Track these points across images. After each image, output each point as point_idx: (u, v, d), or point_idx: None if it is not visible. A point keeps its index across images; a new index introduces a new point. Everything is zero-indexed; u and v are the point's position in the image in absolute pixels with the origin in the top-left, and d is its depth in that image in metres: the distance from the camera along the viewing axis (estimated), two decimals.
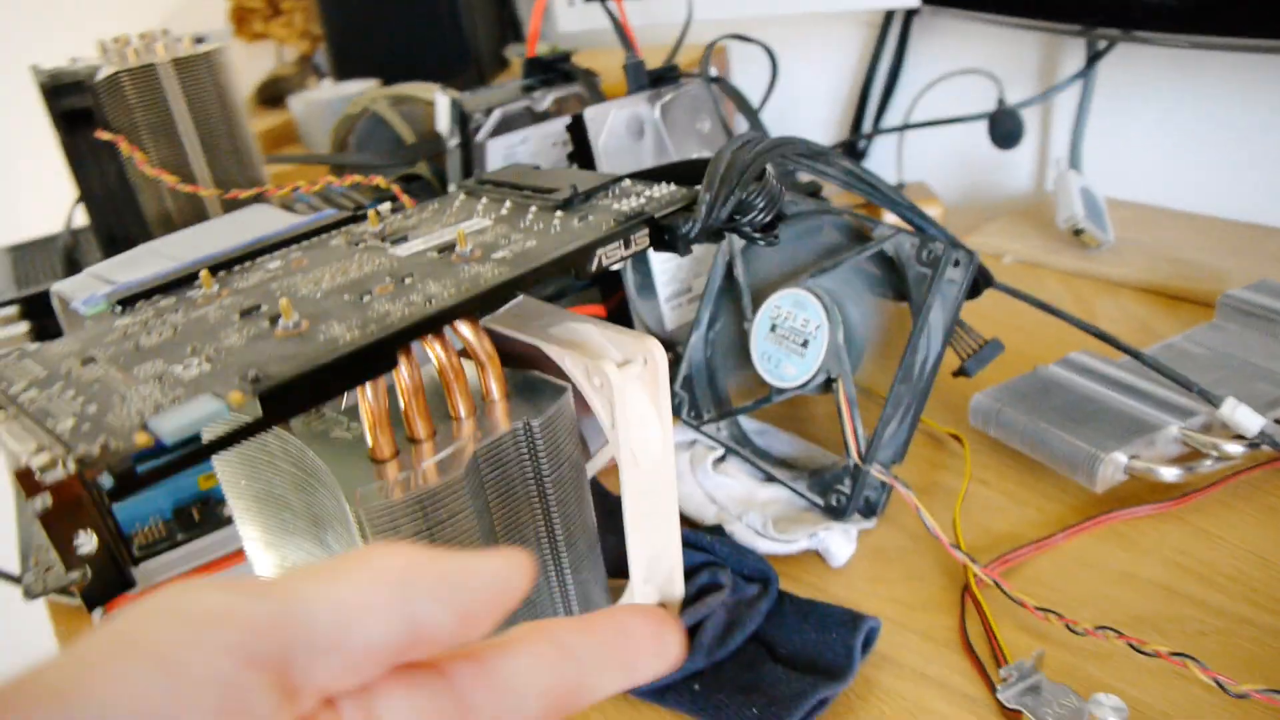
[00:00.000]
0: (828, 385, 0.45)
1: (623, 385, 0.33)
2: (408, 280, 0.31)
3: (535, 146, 0.65)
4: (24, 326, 0.57)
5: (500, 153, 0.64)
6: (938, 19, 0.79)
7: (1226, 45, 0.58)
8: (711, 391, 0.50)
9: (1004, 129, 0.63)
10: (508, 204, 0.38)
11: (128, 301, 0.33)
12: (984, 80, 0.74)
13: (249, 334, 0.29)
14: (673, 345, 0.57)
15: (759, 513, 0.44)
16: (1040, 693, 0.33)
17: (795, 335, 0.45)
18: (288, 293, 0.32)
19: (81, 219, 0.73)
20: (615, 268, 0.33)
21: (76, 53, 0.56)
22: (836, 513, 0.43)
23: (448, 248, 0.33)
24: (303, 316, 0.29)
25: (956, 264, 0.42)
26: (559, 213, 0.36)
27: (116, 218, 0.50)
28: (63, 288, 0.39)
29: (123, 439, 0.23)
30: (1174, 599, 0.39)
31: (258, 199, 0.50)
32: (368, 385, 0.29)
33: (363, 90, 0.93)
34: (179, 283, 0.34)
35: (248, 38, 1.14)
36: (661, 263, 0.56)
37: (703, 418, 0.49)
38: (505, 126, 0.63)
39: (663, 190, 0.36)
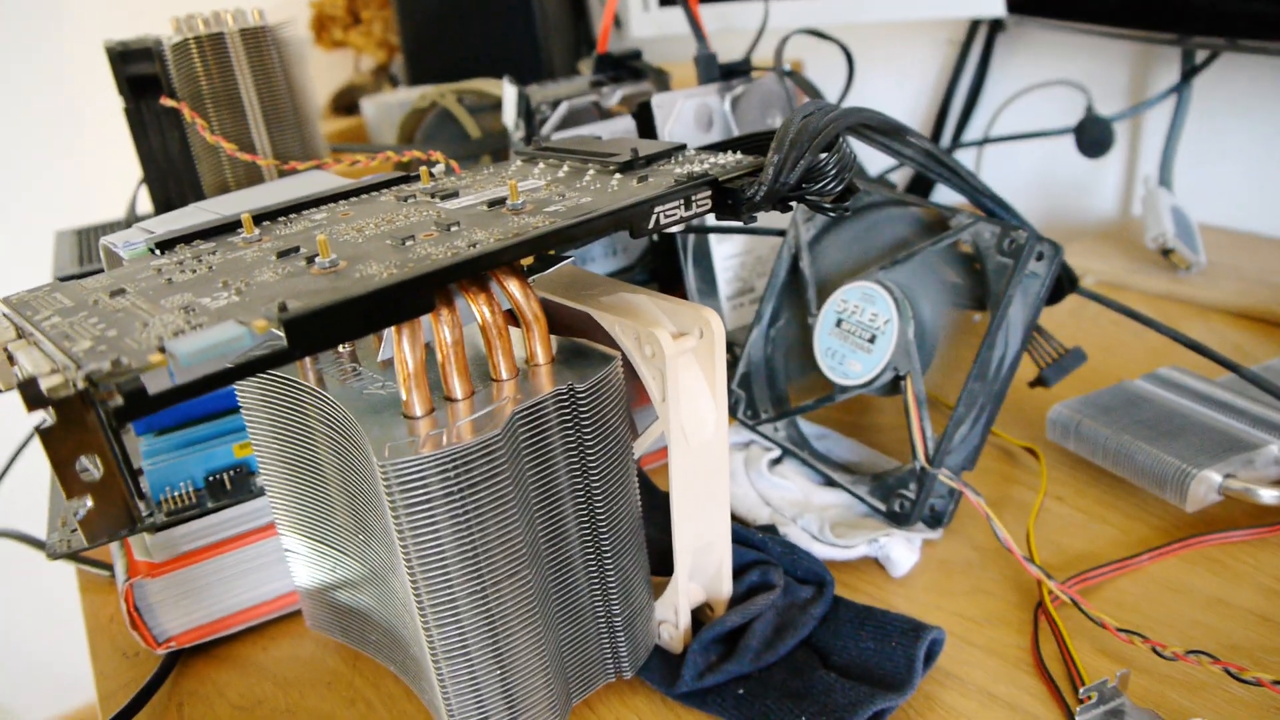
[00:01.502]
0: (894, 386, 0.42)
1: (675, 356, 0.31)
2: (453, 228, 0.29)
3: None
4: None
5: None
6: (1022, 33, 0.77)
7: None
8: (770, 391, 0.48)
9: (1092, 136, 0.60)
10: (565, 167, 0.36)
11: (167, 245, 0.32)
12: (1068, 95, 0.71)
13: (284, 272, 0.27)
14: (731, 346, 0.55)
15: (816, 516, 0.41)
16: (1124, 717, 0.30)
17: (862, 330, 0.42)
18: (329, 236, 0.30)
19: (145, 203, 0.73)
20: (673, 230, 0.31)
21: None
22: (900, 519, 0.40)
23: (498, 201, 0.32)
24: (341, 258, 0.28)
25: (1040, 256, 0.39)
26: (618, 175, 0.34)
27: (175, 186, 0.50)
28: (110, 239, 0.38)
29: (136, 358, 0.22)
30: (1272, 629, 0.35)
31: (316, 170, 0.50)
32: (404, 338, 0.28)
33: (426, 91, 0.93)
34: (222, 230, 0.33)
35: (327, 46, 1.15)
36: (724, 259, 0.54)
37: (760, 417, 0.47)
38: (572, 121, 0.62)
39: (729, 157, 0.35)
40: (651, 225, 0.30)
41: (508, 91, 0.61)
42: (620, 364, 0.31)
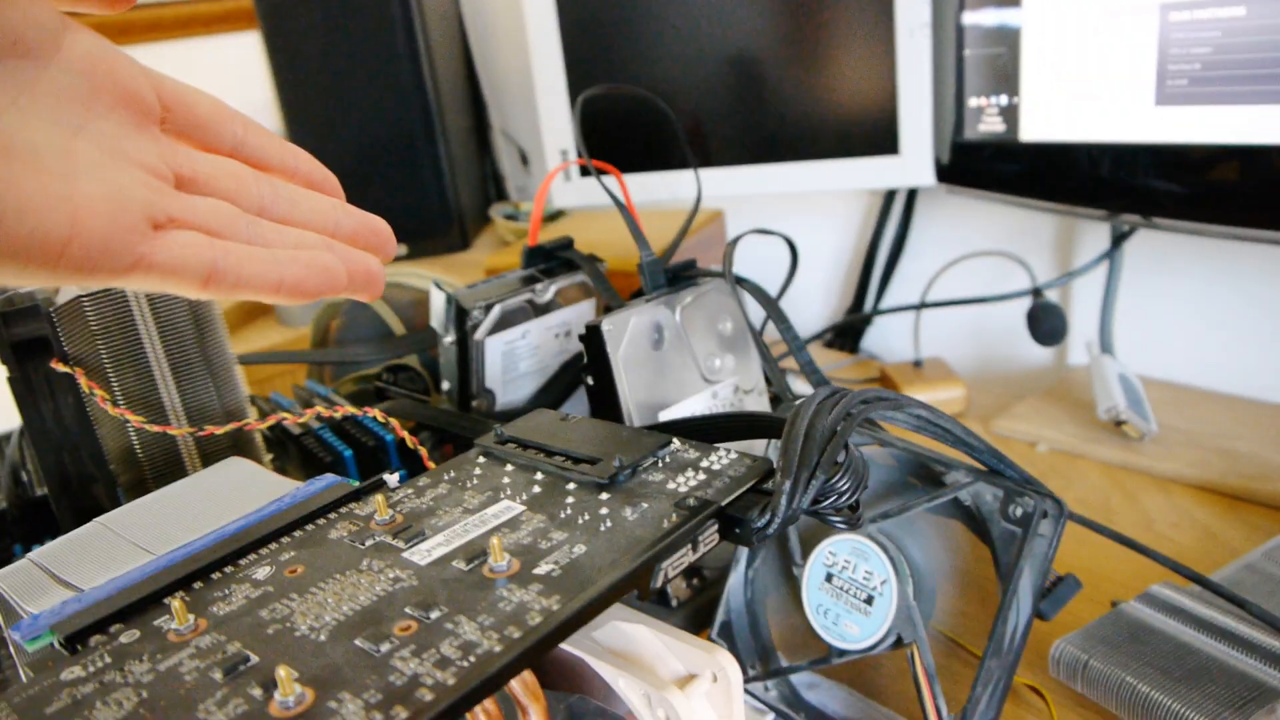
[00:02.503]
0: (897, 645, 0.39)
1: (691, 714, 0.27)
2: (434, 614, 0.25)
3: (537, 339, 0.61)
4: None
5: (499, 349, 0.59)
6: (943, 195, 0.77)
7: (1248, 236, 0.54)
8: (755, 641, 0.44)
9: (1046, 326, 0.59)
10: (539, 477, 0.32)
11: (78, 636, 0.27)
12: (998, 258, 0.71)
13: (237, 710, 0.23)
14: (701, 571, 0.51)
15: None
16: None
17: (857, 589, 0.39)
18: (283, 628, 0.26)
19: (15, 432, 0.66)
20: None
21: None
22: None
23: (477, 555, 0.28)
24: (305, 683, 0.23)
25: (1045, 515, 0.36)
26: (604, 495, 0.30)
27: (73, 458, 0.44)
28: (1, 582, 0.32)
29: None
30: None
31: (235, 440, 0.45)
32: None
33: None
34: (142, 601, 0.28)
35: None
36: None
37: (746, 674, 0.43)
38: (505, 322, 0.58)
39: (723, 460, 0.31)
40: (659, 584, 0.27)
41: (435, 297, 0.57)
42: None
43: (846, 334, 0.83)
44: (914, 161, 0.64)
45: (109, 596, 0.28)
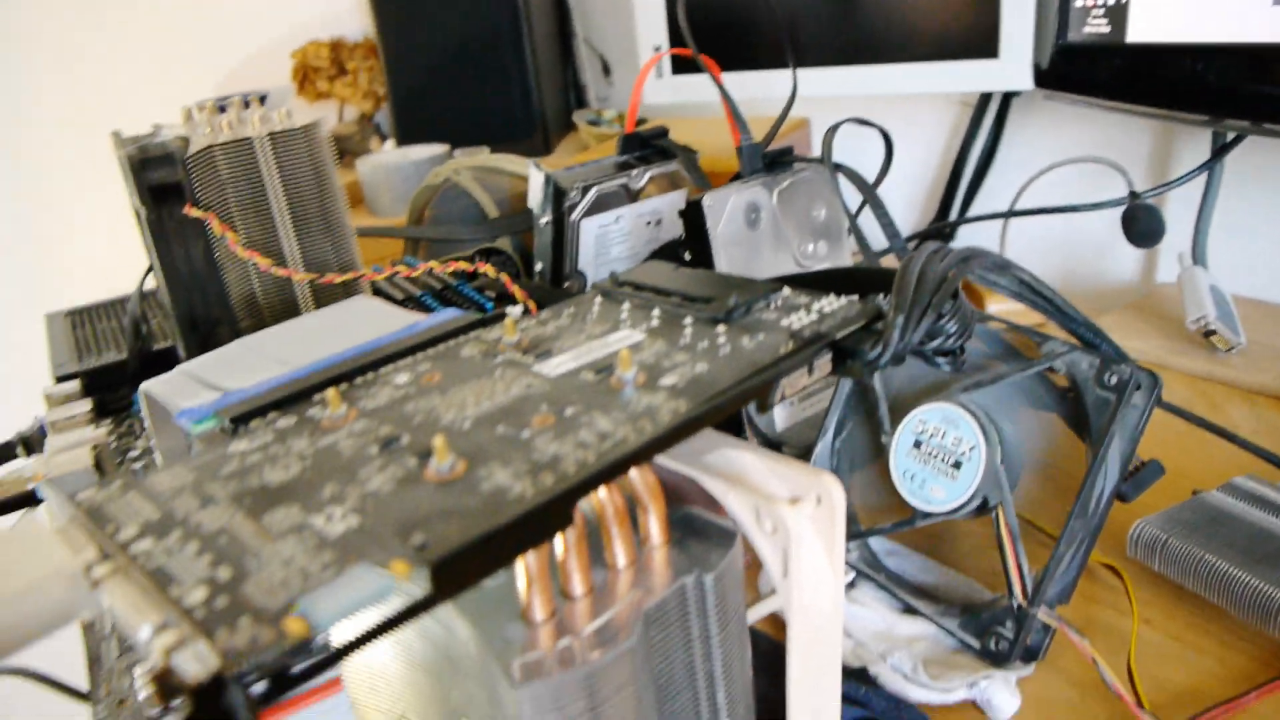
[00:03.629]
0: (980, 510, 0.40)
1: (800, 531, 0.29)
2: (569, 411, 0.27)
3: (629, 225, 0.62)
4: (87, 405, 0.53)
5: (593, 232, 0.60)
6: (1038, 101, 0.76)
7: None
8: None
9: (1143, 226, 0.59)
10: (656, 312, 0.34)
11: (241, 419, 0.29)
12: (1091, 166, 0.70)
13: (395, 475, 0.25)
14: (779, 446, 0.53)
15: (905, 652, 0.39)
16: None
17: (945, 454, 0.40)
18: (428, 418, 0.28)
19: (153, 285, 0.70)
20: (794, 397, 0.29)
21: (137, 114, 0.54)
22: (997, 658, 0.38)
23: (605, 368, 0.29)
24: (457, 456, 0.25)
25: (1139, 386, 0.37)
26: (720, 327, 0.32)
27: (200, 299, 0.47)
28: (154, 389, 0.35)
29: (272, 627, 0.19)
30: None
31: (350, 285, 0.47)
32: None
33: (432, 156, 0.90)
34: (296, 397, 0.30)
35: (310, 97, 1.12)
36: None
37: None
38: (600, 206, 0.60)
39: (833, 304, 0.33)
40: (776, 398, 0.28)
41: (534, 177, 0.59)
42: (740, 543, 0.29)
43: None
44: (1013, 65, 0.64)
45: (265, 390, 0.30)
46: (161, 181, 0.45)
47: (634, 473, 0.28)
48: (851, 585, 0.44)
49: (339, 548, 0.22)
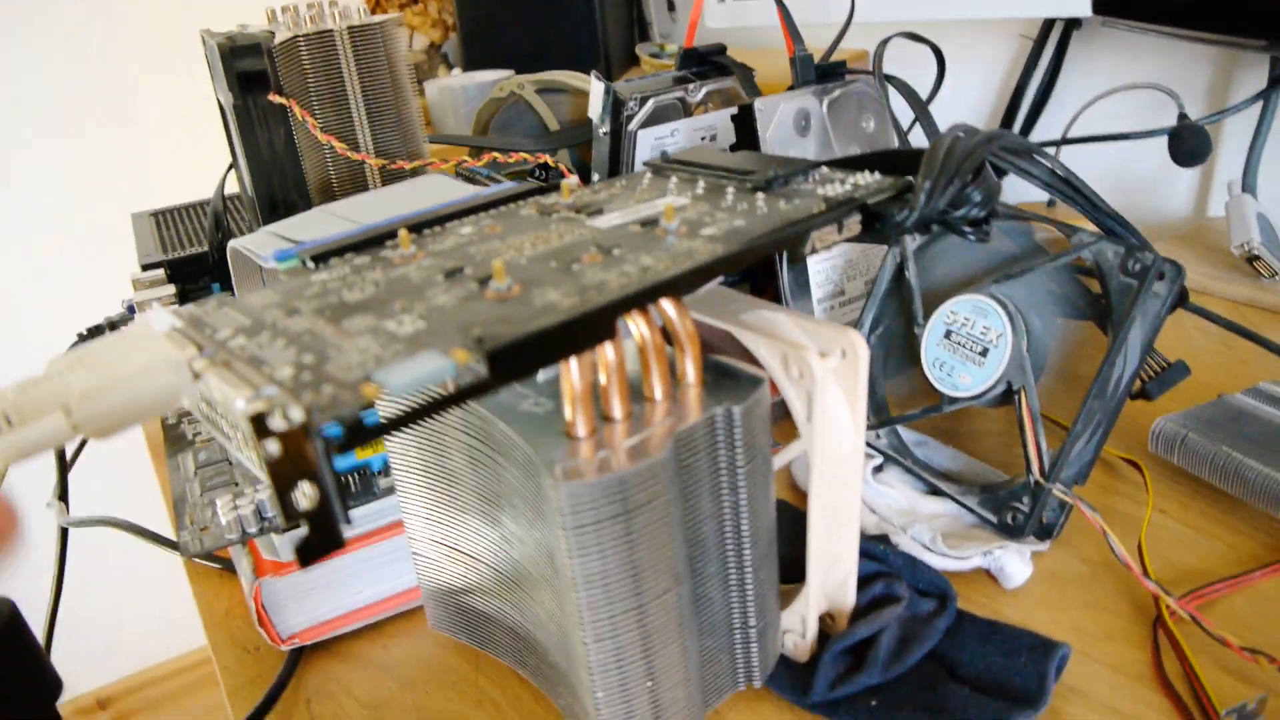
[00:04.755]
0: (1004, 398, 0.42)
1: (824, 377, 0.32)
2: (616, 251, 0.30)
3: (685, 139, 0.64)
4: (171, 289, 0.57)
5: (649, 144, 0.62)
6: (1099, 31, 0.76)
7: None
8: (871, 398, 0.48)
9: (1188, 146, 0.60)
10: (701, 184, 0.36)
11: (321, 258, 0.33)
12: (1145, 97, 0.70)
13: (458, 294, 0.28)
14: None
15: (926, 525, 0.41)
16: None
17: (973, 343, 0.42)
18: (489, 256, 0.31)
19: (232, 187, 0.74)
20: (822, 253, 0.32)
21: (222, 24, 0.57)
22: (1012, 531, 0.41)
23: (651, 222, 0.32)
24: (513, 280, 0.28)
25: (1161, 276, 0.39)
26: (760, 194, 0.34)
27: (279, 183, 0.50)
28: (243, 243, 0.38)
29: (350, 390, 0.23)
30: None
31: (418, 173, 0.50)
32: (573, 360, 0.28)
33: (499, 78, 0.93)
34: (370, 243, 0.34)
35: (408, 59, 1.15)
36: (818, 263, 0.54)
37: None
38: (657, 118, 0.62)
39: (867, 178, 0.35)
40: (808, 250, 0.31)
41: (595, 87, 0.61)
42: (768, 384, 0.32)
43: None
44: None
45: (344, 235, 0.34)
46: (249, 69, 0.48)
47: (673, 313, 0.30)
48: (879, 469, 0.46)
49: (408, 342, 0.25)
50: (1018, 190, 0.80)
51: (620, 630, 0.29)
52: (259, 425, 0.22)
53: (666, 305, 0.30)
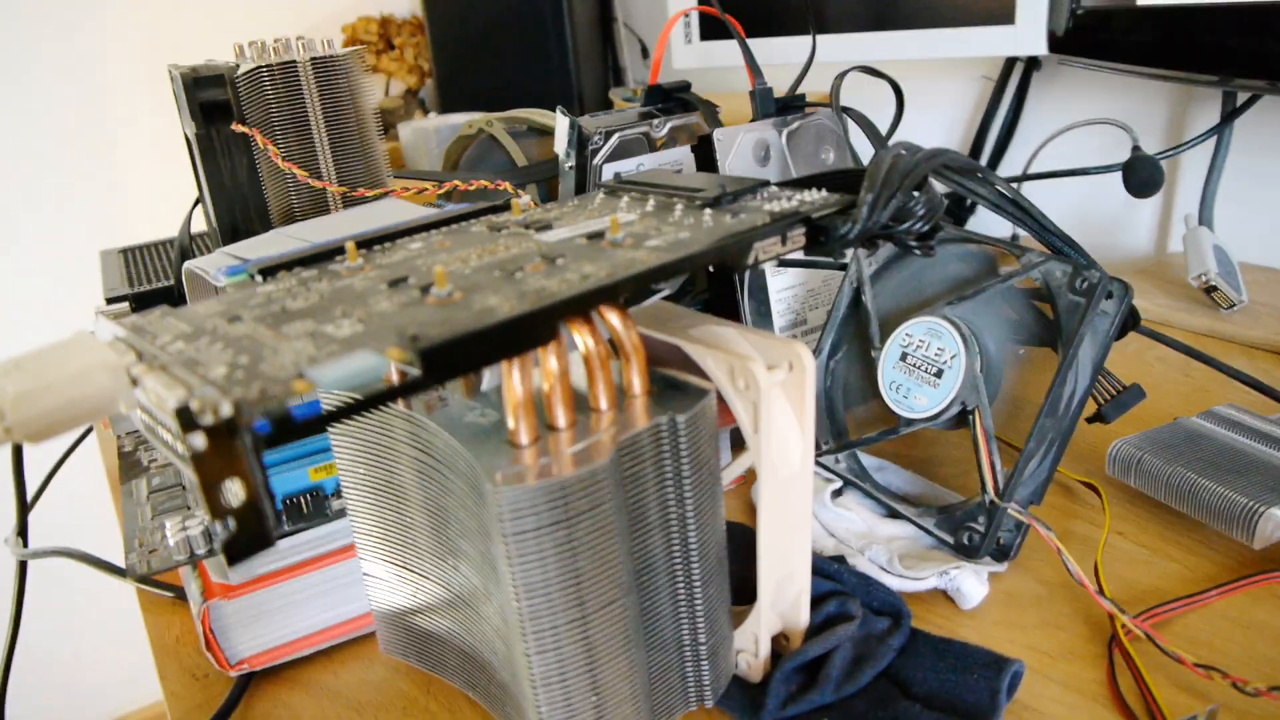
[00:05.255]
0: (959, 420, 0.43)
1: (769, 389, 0.32)
2: (559, 261, 0.30)
3: None
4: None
5: (613, 178, 0.63)
6: (1058, 71, 0.78)
7: None
8: (830, 422, 0.48)
9: (1140, 176, 0.61)
10: (651, 202, 0.37)
11: (269, 272, 0.33)
12: (1106, 134, 0.72)
13: (399, 302, 0.28)
14: None
15: (883, 547, 0.41)
16: None
17: (928, 365, 0.43)
18: (435, 267, 0.31)
19: (199, 225, 0.74)
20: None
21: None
22: (968, 551, 0.41)
23: (597, 235, 0.32)
24: (455, 287, 0.28)
25: (1110, 295, 0.39)
26: (708, 211, 0.34)
27: (242, 212, 0.50)
28: (197, 264, 0.38)
29: (280, 386, 0.22)
30: None
31: (388, 198, 0.50)
32: (515, 367, 0.28)
33: (469, 121, 0.94)
34: (322, 257, 0.34)
35: (366, 89, 1.17)
36: (779, 291, 0.55)
37: (820, 449, 0.47)
38: (622, 152, 0.62)
39: (814, 195, 0.35)
40: (750, 261, 0.31)
41: (560, 122, 0.62)
42: (715, 397, 0.32)
43: (948, 214, 0.85)
44: (1028, 30, 0.66)
45: (293, 251, 0.34)
46: (212, 99, 0.49)
47: (619, 325, 0.30)
48: (839, 493, 0.46)
49: (344, 343, 0.25)
50: (986, 226, 0.81)
51: (563, 642, 0.29)
52: (189, 422, 0.22)
53: (612, 317, 0.30)
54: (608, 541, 0.29)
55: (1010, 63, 0.80)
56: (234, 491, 0.22)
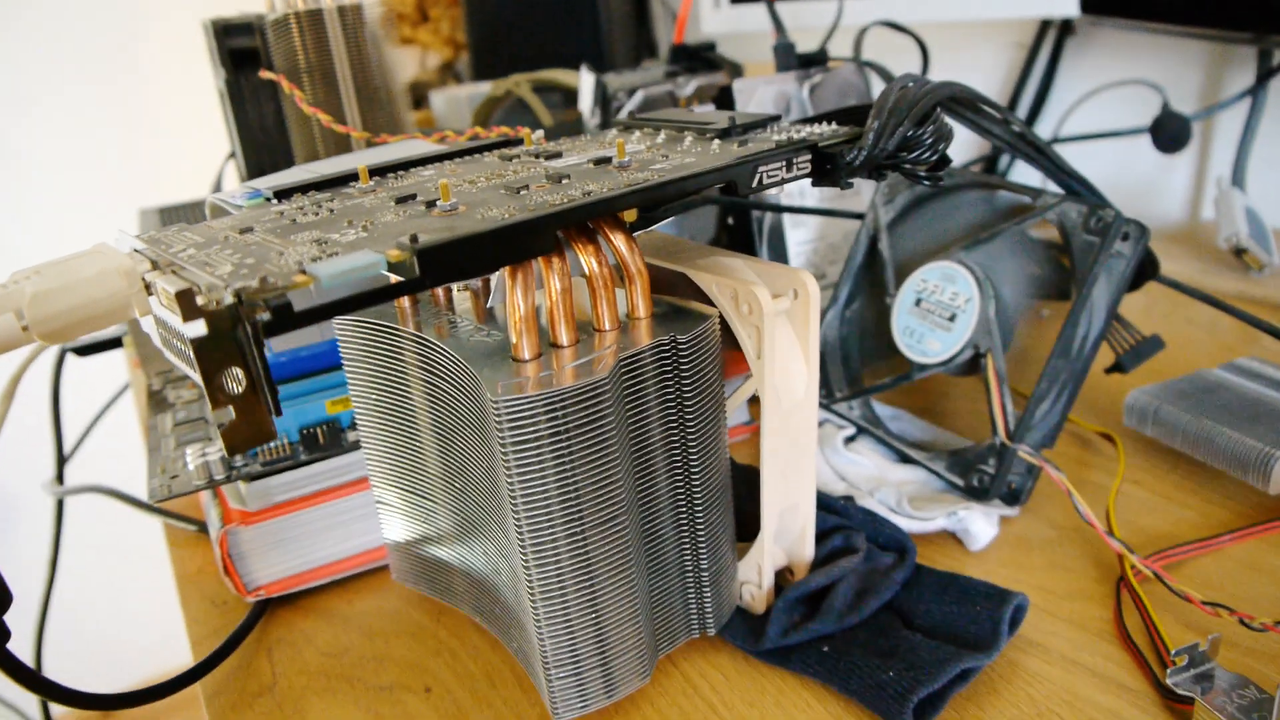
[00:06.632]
0: (972, 365, 0.42)
1: (773, 314, 0.32)
2: (565, 181, 0.30)
3: None
4: None
5: None
6: (1092, 35, 0.77)
7: None
8: (845, 370, 0.48)
9: (1169, 131, 0.60)
10: (663, 134, 0.37)
11: (285, 194, 0.33)
12: (1139, 98, 0.71)
13: (406, 214, 0.29)
14: None
15: (893, 490, 0.41)
16: (1215, 681, 0.30)
17: (942, 309, 0.43)
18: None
19: (230, 181, 0.75)
20: (772, 189, 0.32)
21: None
22: (978, 493, 0.40)
23: (604, 160, 0.33)
24: (460, 202, 0.29)
25: (1125, 237, 0.39)
26: (717, 140, 0.35)
27: (269, 157, 0.51)
28: (218, 195, 0.39)
29: (281, 277, 0.23)
30: None
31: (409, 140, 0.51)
32: (518, 283, 0.29)
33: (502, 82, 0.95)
34: (336, 183, 0.34)
35: (395, 43, 1.18)
36: (798, 244, 0.55)
37: (834, 397, 0.47)
38: (647, 109, 0.63)
39: (823, 128, 0.35)
40: (755, 184, 0.31)
41: (585, 79, 0.62)
42: (718, 321, 0.32)
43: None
44: None
45: (309, 177, 0.35)
46: (241, 47, 0.50)
47: (624, 249, 0.31)
48: (852, 439, 0.46)
49: (347, 247, 0.26)
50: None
51: (563, 555, 0.29)
52: (191, 309, 0.22)
53: (618, 241, 0.31)
54: (607, 457, 0.29)
55: (1043, 28, 0.79)
56: (235, 379, 0.23)
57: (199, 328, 0.22)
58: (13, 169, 1.24)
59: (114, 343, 0.61)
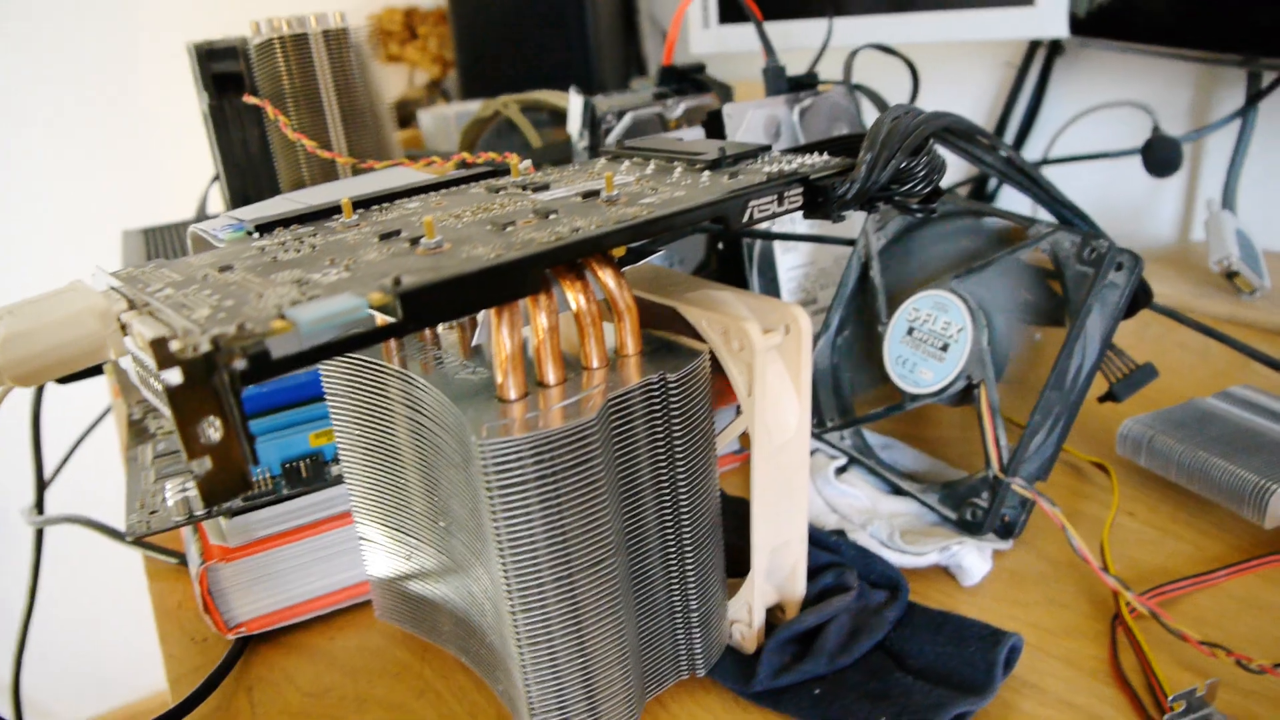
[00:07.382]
0: (965, 395, 0.42)
1: (764, 350, 0.31)
2: (552, 216, 0.30)
3: None
4: None
5: None
6: (1081, 56, 0.77)
7: None
8: (836, 399, 0.47)
9: (1159, 155, 0.60)
10: (651, 165, 0.36)
11: (266, 229, 0.33)
12: (1129, 119, 0.71)
13: (389, 252, 0.28)
14: None
15: (885, 523, 0.41)
16: None
17: (934, 339, 0.42)
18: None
19: (215, 204, 0.75)
20: (763, 223, 0.32)
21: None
22: (971, 527, 0.40)
23: (593, 194, 0.32)
24: (445, 239, 0.28)
25: (1119, 267, 0.39)
26: (706, 172, 0.34)
27: (253, 182, 0.51)
28: (200, 226, 0.38)
29: (259, 324, 0.22)
30: None
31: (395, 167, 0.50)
32: (504, 322, 0.28)
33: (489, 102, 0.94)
34: (319, 215, 0.34)
35: (382, 60, 1.17)
36: (788, 270, 0.54)
37: (825, 425, 0.47)
38: (636, 131, 0.62)
39: (815, 158, 0.35)
40: (745, 220, 0.31)
41: (574, 101, 0.62)
42: (708, 358, 0.31)
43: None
44: (1049, 11, 0.65)
45: (290, 210, 0.34)
46: (224, 71, 0.49)
47: (613, 285, 0.30)
48: (844, 469, 0.46)
49: (329, 288, 0.25)
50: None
51: (549, 599, 0.29)
52: (166, 357, 0.22)
53: (606, 277, 0.30)
54: (595, 499, 0.29)
55: (1032, 48, 0.79)
56: (212, 426, 0.22)
57: (174, 375, 0.22)
58: None
59: (95, 370, 0.60)
